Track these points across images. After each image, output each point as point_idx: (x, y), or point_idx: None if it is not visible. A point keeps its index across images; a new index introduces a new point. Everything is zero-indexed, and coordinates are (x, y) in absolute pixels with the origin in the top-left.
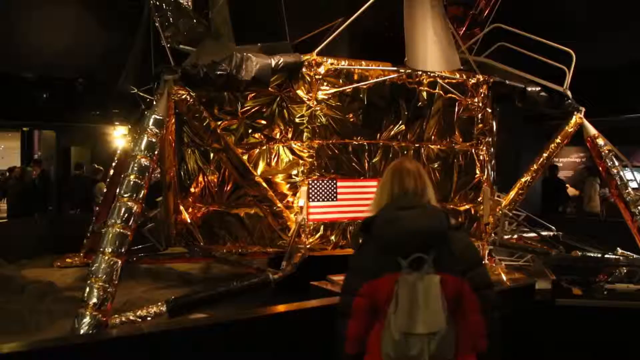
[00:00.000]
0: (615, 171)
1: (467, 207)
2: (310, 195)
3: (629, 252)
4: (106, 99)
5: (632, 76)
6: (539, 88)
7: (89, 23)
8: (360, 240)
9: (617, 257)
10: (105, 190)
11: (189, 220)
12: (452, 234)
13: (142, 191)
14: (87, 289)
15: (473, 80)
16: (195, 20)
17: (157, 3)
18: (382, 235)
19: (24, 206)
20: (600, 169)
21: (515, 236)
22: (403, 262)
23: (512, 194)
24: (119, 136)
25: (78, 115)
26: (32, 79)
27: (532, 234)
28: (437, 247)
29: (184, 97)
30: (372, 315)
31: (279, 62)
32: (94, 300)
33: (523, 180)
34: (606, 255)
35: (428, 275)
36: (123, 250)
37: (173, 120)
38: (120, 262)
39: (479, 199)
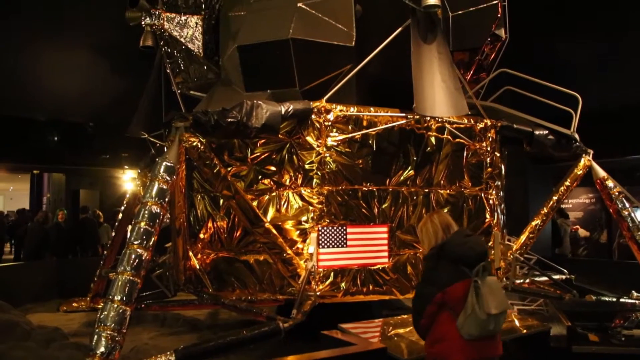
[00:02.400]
0: (626, 213)
1: None
2: (320, 242)
3: None
4: (116, 142)
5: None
6: (547, 131)
7: (100, 68)
8: (433, 261)
9: (632, 301)
10: (113, 233)
11: (198, 266)
12: None
13: (153, 238)
14: (95, 337)
15: (481, 125)
16: (205, 67)
17: (169, 50)
18: (456, 253)
19: (45, 250)
20: (611, 211)
21: (527, 280)
22: (468, 271)
23: (522, 237)
24: (128, 180)
25: (88, 159)
26: (42, 122)
27: (544, 278)
28: (485, 260)
29: (194, 144)
30: (437, 312)
31: (289, 109)
32: (102, 349)
33: (533, 223)
34: (621, 300)
35: (489, 277)
36: (132, 298)
37: (183, 166)
38: (129, 310)
39: (489, 244)
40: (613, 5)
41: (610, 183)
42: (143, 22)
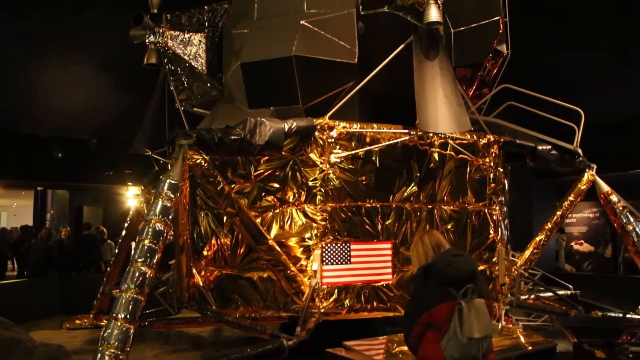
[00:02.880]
0: (631, 228)
1: (482, 267)
2: (324, 259)
3: None
4: (119, 159)
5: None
6: (550, 146)
7: (104, 84)
8: (420, 282)
9: (639, 317)
10: (117, 251)
11: (201, 284)
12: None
13: (156, 256)
14: (99, 356)
15: (484, 141)
16: (209, 84)
17: (172, 67)
18: (442, 273)
19: (48, 266)
20: (616, 225)
21: (532, 296)
22: (455, 292)
23: (527, 253)
24: (131, 196)
25: (91, 175)
26: (46, 139)
27: (549, 293)
28: (474, 281)
29: (198, 161)
30: (424, 332)
31: (292, 126)
32: None
33: (538, 239)
34: (628, 315)
35: (476, 299)
36: (136, 316)
37: (187, 183)
38: (132, 328)
39: (493, 259)
40: (613, 19)
41: (614, 197)
42: (147, 40)
